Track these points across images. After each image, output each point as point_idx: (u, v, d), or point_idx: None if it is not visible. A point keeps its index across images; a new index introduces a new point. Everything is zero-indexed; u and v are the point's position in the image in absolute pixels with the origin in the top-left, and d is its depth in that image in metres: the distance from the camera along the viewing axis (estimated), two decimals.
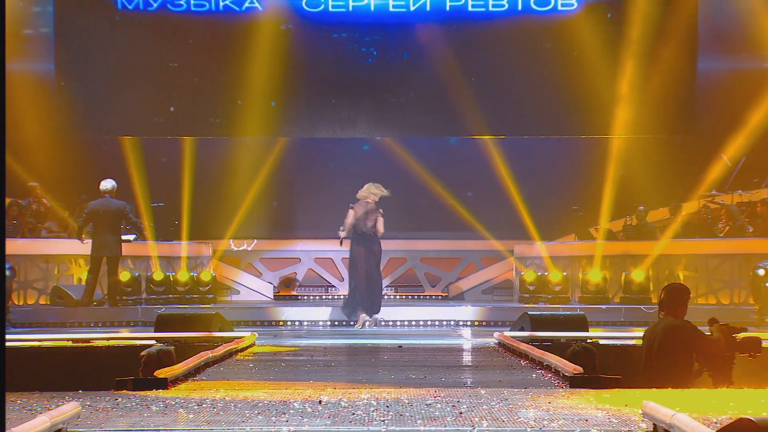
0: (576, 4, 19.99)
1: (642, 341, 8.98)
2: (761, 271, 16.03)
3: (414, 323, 16.35)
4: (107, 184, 16.44)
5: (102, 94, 20.28)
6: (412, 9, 20.33)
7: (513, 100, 20.46)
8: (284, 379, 8.36)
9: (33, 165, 19.44)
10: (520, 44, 20.30)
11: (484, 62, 20.42)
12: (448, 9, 20.29)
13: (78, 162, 20.16)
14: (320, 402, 6.46)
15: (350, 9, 20.38)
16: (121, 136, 20.69)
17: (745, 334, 8.84)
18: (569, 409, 6.20)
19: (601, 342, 11.20)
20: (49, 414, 5.10)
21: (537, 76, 20.25)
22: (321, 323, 16.39)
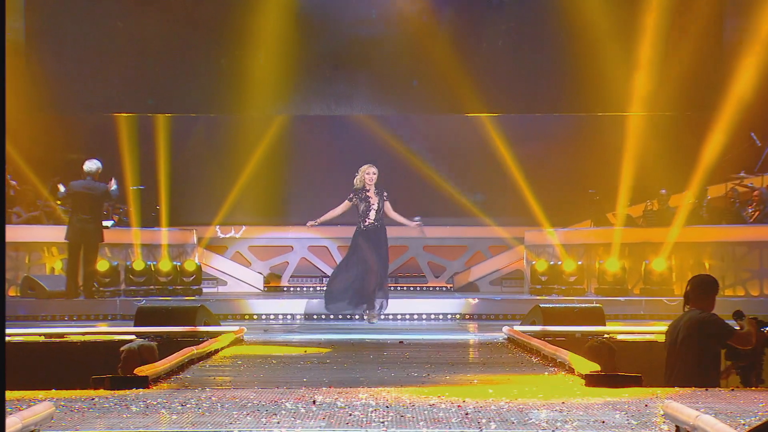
0: None
1: (665, 336, 8.98)
2: None
3: (416, 317, 16.36)
4: (92, 165, 16.38)
5: (76, 68, 20.25)
6: None
7: (523, 75, 20.44)
8: (275, 378, 8.37)
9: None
10: (530, 15, 20.26)
11: (492, 34, 20.39)
12: None
13: (51, 141, 20.14)
14: (314, 402, 6.47)
15: None
16: (98, 113, 20.66)
17: None
18: (584, 410, 6.21)
19: (620, 337, 11.22)
20: (20, 415, 5.10)
21: (547, 49, 20.22)
22: (315, 317, 16.40)
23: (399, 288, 19.91)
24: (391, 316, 15.81)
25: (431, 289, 20.59)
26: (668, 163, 19.69)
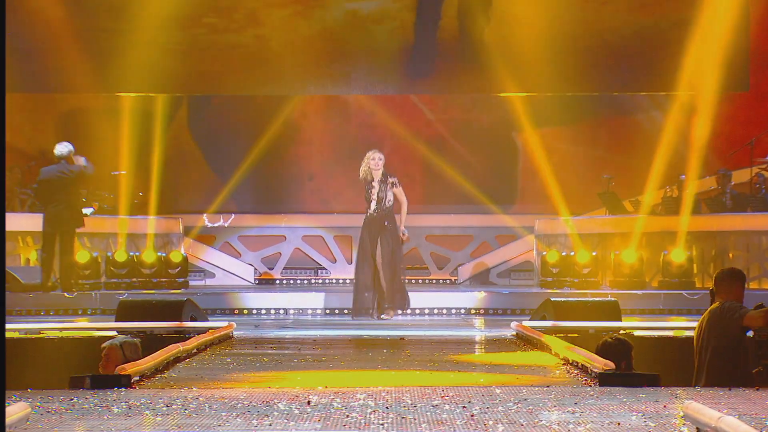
0: None
1: (695, 336, 9.01)
2: None
3: (418, 311, 16.38)
4: (63, 148, 16.37)
5: (44, 43, 20.15)
6: None
7: (533, 52, 20.39)
8: (267, 377, 8.38)
9: None
10: None
11: (505, 7, 20.32)
12: None
13: (22, 125, 20.14)
14: (309, 403, 6.48)
15: None
16: (73, 92, 20.64)
17: None
18: (599, 411, 6.22)
19: (636, 333, 11.23)
20: None
21: (552, 28, 20.13)
22: (310, 311, 16.42)
23: (405, 280, 19.89)
24: (408, 308, 15.76)
25: (434, 281, 20.60)
26: (689, 147, 19.67)
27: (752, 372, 8.76)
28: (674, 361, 10.30)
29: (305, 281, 20.71)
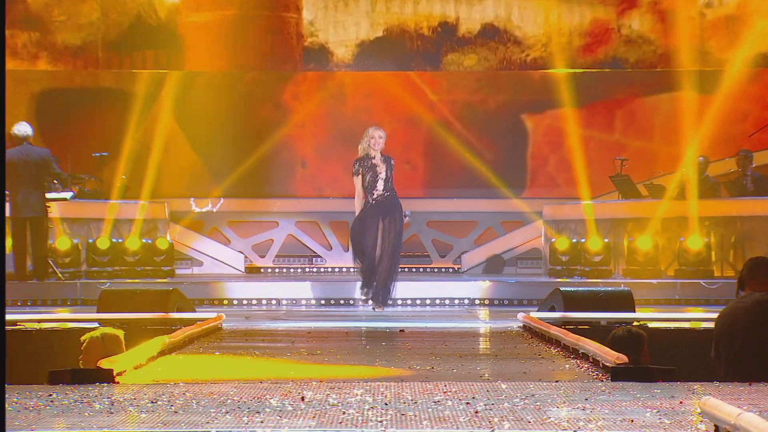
0: None
1: (717, 327, 8.94)
2: None
3: (419, 302, 16.40)
4: (24, 128, 16.28)
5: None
6: None
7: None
8: (259, 371, 8.40)
9: None
10: None
11: None
12: None
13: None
14: (303, 399, 6.49)
15: None
16: (50, 67, 20.63)
17: None
18: (610, 408, 6.23)
19: (651, 325, 11.24)
20: None
21: None
22: (304, 302, 16.43)
23: (400, 269, 19.86)
24: (390, 301, 15.80)
25: (436, 270, 20.61)
26: (706, 126, 19.67)
27: None
28: (691, 354, 10.31)
29: (299, 270, 20.71)
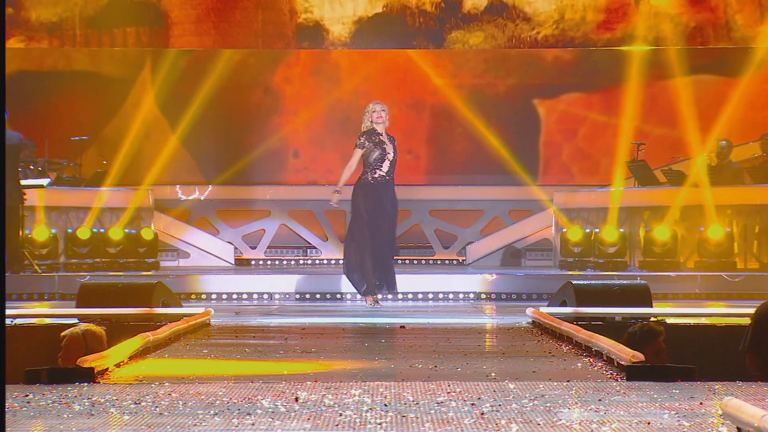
0: None
1: (755, 315, 8.87)
2: None
3: (421, 296, 16.41)
4: None
5: None
6: None
7: None
8: (249, 370, 8.40)
9: None
10: None
11: None
12: None
13: None
14: (297, 400, 6.50)
15: None
16: (23, 45, 20.62)
17: None
18: (625, 409, 6.24)
19: (669, 321, 11.25)
20: None
21: None
22: (298, 296, 16.44)
23: (400, 261, 19.91)
24: (390, 296, 15.81)
25: (439, 262, 20.62)
26: (729, 109, 19.68)
27: None
28: (712, 352, 10.31)
29: (292, 262, 20.73)
